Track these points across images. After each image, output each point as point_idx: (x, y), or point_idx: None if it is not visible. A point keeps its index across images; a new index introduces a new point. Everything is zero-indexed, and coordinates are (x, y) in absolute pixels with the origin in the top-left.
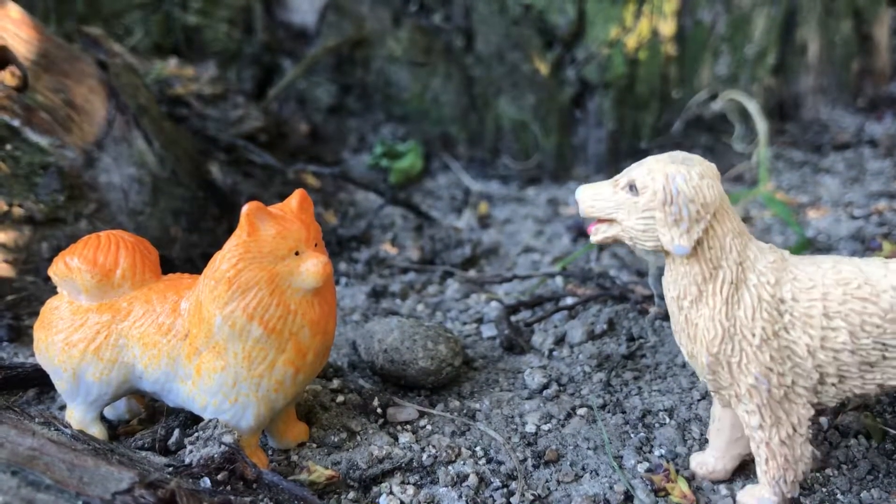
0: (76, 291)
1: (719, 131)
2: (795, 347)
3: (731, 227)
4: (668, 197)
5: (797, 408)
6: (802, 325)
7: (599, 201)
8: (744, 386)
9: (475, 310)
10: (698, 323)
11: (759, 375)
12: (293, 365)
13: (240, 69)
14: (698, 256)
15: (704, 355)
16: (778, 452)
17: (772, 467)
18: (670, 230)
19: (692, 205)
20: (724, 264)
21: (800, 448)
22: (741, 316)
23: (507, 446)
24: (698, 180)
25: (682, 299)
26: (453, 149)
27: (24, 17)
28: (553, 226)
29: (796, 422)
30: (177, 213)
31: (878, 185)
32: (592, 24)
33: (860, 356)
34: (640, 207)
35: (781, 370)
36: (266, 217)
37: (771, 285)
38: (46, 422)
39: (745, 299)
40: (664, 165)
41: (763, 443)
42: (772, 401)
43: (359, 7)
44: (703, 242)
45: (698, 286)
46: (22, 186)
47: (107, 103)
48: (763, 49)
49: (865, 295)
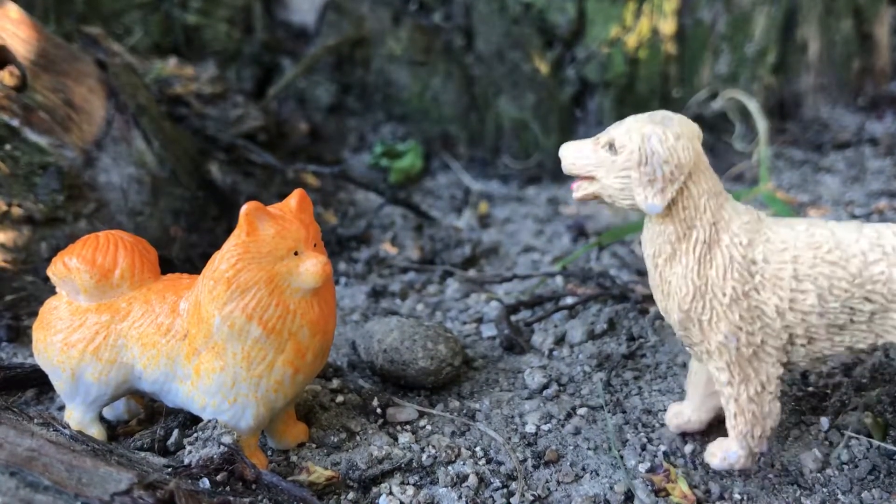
0: (75, 292)
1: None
2: (765, 308)
3: (707, 188)
4: (643, 157)
5: (766, 366)
6: (772, 286)
7: (580, 159)
8: (714, 343)
9: (475, 309)
10: (671, 280)
11: (729, 333)
12: (292, 365)
13: (239, 68)
14: (672, 216)
15: (676, 312)
16: (746, 408)
17: (739, 422)
18: (644, 189)
19: (666, 165)
20: (697, 224)
21: (768, 405)
22: (712, 275)
23: (507, 446)
24: (674, 141)
25: (657, 257)
26: (453, 148)
27: (23, 17)
28: (553, 225)
29: (765, 379)
30: (176, 212)
31: (878, 184)
32: (593, 24)
33: (828, 319)
34: (618, 166)
35: (751, 329)
36: (265, 217)
37: (743, 246)
38: (45, 422)
39: (717, 259)
40: (642, 125)
41: (732, 398)
42: (741, 358)
43: (358, 6)
44: (678, 202)
45: (672, 245)
46: (21, 186)
47: (106, 103)
48: (763, 48)
49: (835, 259)
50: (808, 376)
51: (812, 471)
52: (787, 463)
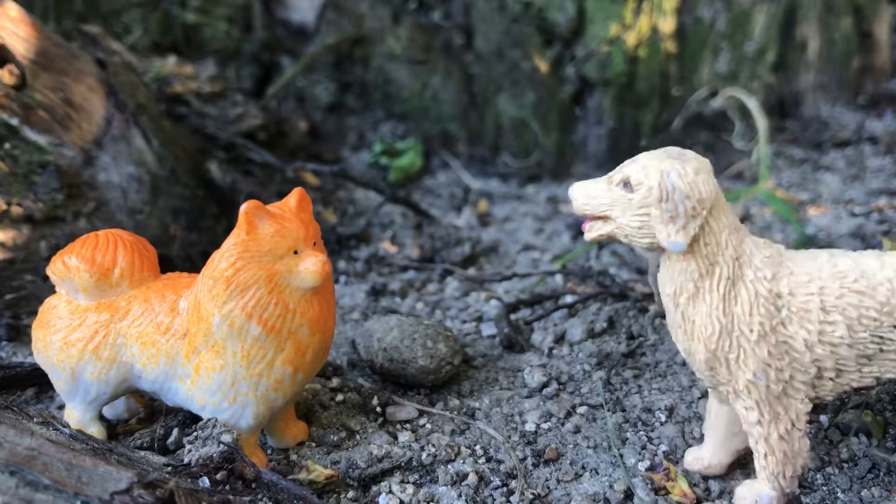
0: (74, 290)
1: (719, 129)
2: (793, 342)
3: (728, 223)
4: (664, 193)
5: (795, 403)
6: (800, 319)
7: (594, 199)
8: (742, 382)
9: (475, 308)
10: (695, 320)
11: (758, 371)
12: (292, 364)
13: (239, 67)
14: (694, 253)
15: (702, 352)
16: (777, 448)
17: (770, 462)
18: (666, 227)
19: (688, 201)
20: (720, 260)
21: (798, 443)
22: (738, 312)
23: (507, 445)
24: (693, 176)
25: (678, 296)
26: (453, 147)
27: (22, 16)
28: (553, 224)
29: (794, 417)
30: (176, 211)
31: (878, 183)
32: (592, 22)
33: (858, 349)
34: (636, 204)
35: (779, 365)
36: (264, 216)
37: (768, 280)
38: (45, 421)
39: (743, 295)
40: (659, 162)
41: (762, 438)
42: (770, 396)
43: (358, 5)
44: (700, 239)
45: (695, 283)
46: (21, 185)
47: (105, 102)
48: (763, 46)
49: (862, 288)
50: None
51: (812, 469)
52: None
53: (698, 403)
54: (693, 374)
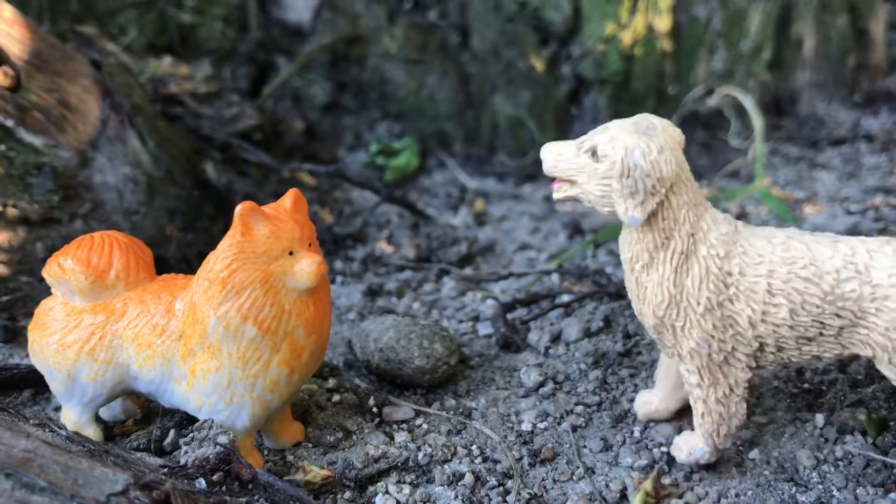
0: (70, 292)
1: (715, 127)
2: (738, 318)
3: (687, 199)
4: (626, 170)
5: (735, 371)
6: (746, 298)
7: (562, 162)
8: (685, 348)
9: (471, 308)
10: (647, 286)
11: (701, 340)
12: (288, 365)
13: (234, 67)
14: (651, 226)
15: (651, 317)
16: (713, 409)
17: (707, 422)
18: (625, 201)
19: (648, 179)
20: (675, 235)
21: (735, 406)
22: (688, 285)
23: (503, 445)
24: (657, 154)
25: (634, 262)
26: (449, 146)
27: (17, 17)
28: (549, 223)
29: (733, 383)
30: (172, 212)
31: (874, 181)
32: (588, 21)
33: (799, 331)
34: (600, 174)
35: (722, 337)
36: (260, 217)
37: (720, 258)
38: (41, 423)
39: (694, 269)
40: (626, 136)
41: (700, 399)
42: (711, 364)
43: (354, 5)
44: (658, 213)
45: (650, 253)
46: (16, 187)
47: (101, 103)
48: (759, 44)
49: (809, 275)
50: (804, 373)
51: (807, 467)
52: (782, 460)
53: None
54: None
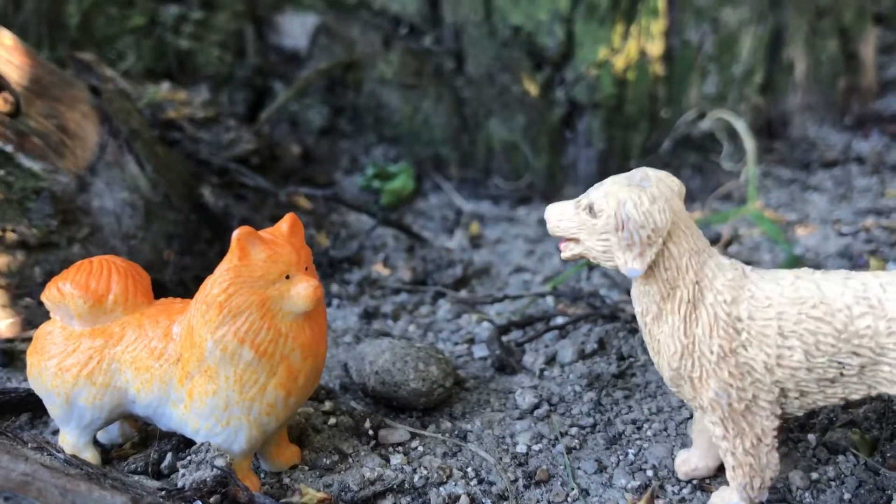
0: (69, 316)
1: (708, 150)
2: (753, 364)
3: (689, 247)
4: (619, 223)
5: (760, 419)
6: (759, 343)
7: (563, 221)
8: (705, 399)
9: (466, 330)
10: (660, 339)
11: (719, 390)
12: (284, 388)
13: (232, 92)
14: (655, 277)
15: (666, 369)
16: (743, 461)
17: (738, 474)
18: (624, 254)
19: (643, 230)
20: (680, 284)
21: (765, 456)
22: (699, 333)
23: (499, 467)
24: (649, 205)
25: (644, 315)
26: (445, 169)
27: (16, 44)
28: (544, 245)
29: (760, 432)
30: (169, 236)
31: (865, 203)
32: (581, 46)
33: (817, 374)
34: (599, 230)
35: (741, 385)
36: (257, 241)
37: (727, 304)
38: (39, 447)
39: (703, 317)
40: (618, 190)
41: (728, 452)
42: (733, 413)
43: (349, 31)
44: (659, 263)
45: (657, 304)
46: (15, 211)
47: (99, 128)
48: (750, 68)
49: (820, 315)
50: None
51: (800, 488)
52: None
53: (688, 423)
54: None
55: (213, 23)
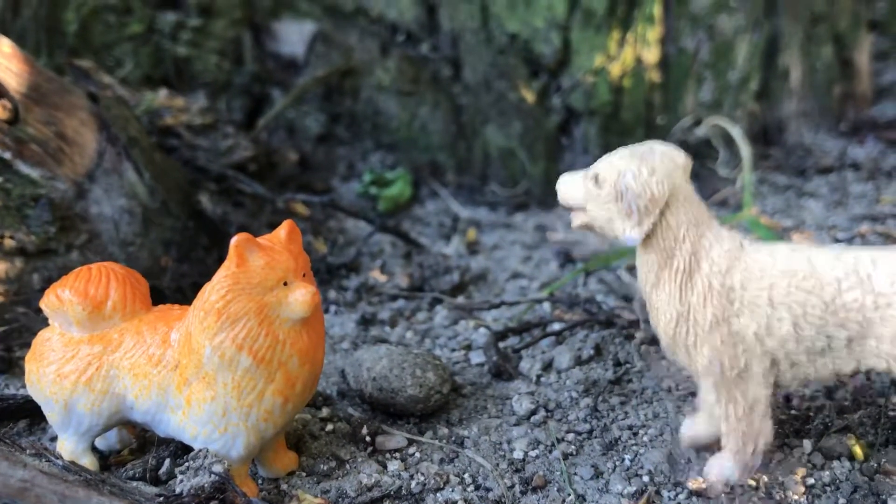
0: (67, 323)
1: (704, 157)
2: (745, 333)
3: (687, 218)
4: (619, 193)
5: (752, 387)
6: (750, 312)
7: (571, 191)
8: (699, 365)
9: (464, 336)
10: (658, 306)
11: (712, 357)
12: (282, 394)
13: (229, 99)
14: (653, 245)
15: (663, 336)
16: (736, 427)
17: (731, 440)
18: (623, 222)
19: (640, 199)
20: (677, 253)
21: (758, 423)
22: (693, 302)
23: (495, 473)
24: (647, 176)
25: (644, 283)
26: (442, 176)
27: (14, 51)
28: (541, 251)
29: (752, 400)
30: (167, 243)
31: (861, 209)
32: (577, 53)
33: (806, 345)
34: (602, 199)
35: (733, 353)
36: (255, 248)
37: (722, 273)
38: (38, 453)
39: (698, 286)
40: (620, 161)
41: (722, 417)
42: (726, 380)
43: (347, 38)
44: (657, 233)
45: (655, 273)
46: (13, 218)
47: (97, 135)
48: (746, 75)
49: (809, 287)
50: (791, 399)
51: (795, 493)
52: (770, 486)
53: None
54: (679, 399)
55: (211, 30)
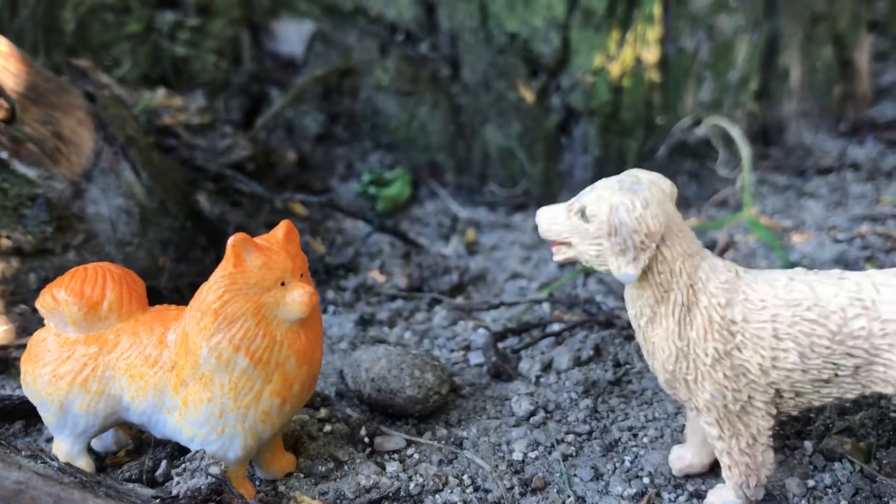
0: (63, 323)
1: (703, 157)
2: (748, 366)
3: (682, 251)
4: (612, 228)
5: (755, 419)
6: (753, 345)
7: (555, 225)
8: (701, 401)
9: (462, 337)
10: (654, 342)
11: (714, 392)
12: (280, 395)
13: (228, 99)
14: (649, 281)
15: (662, 372)
16: (739, 461)
17: (734, 474)
18: (617, 259)
19: (636, 235)
20: (674, 287)
21: (761, 455)
22: (693, 337)
23: (494, 474)
24: (642, 210)
25: (638, 318)
26: (441, 176)
27: (12, 50)
28: (540, 252)
29: (755, 432)
30: (165, 243)
31: (860, 209)
32: (577, 53)
33: (812, 375)
34: (591, 234)
35: (736, 386)
36: (252, 248)
37: (721, 307)
38: (33, 454)
39: (697, 320)
40: (610, 194)
41: (724, 452)
42: (729, 414)
43: (346, 37)
44: (653, 267)
45: (651, 308)
46: (10, 218)
47: (95, 135)
48: (746, 75)
49: (814, 317)
50: None
51: (796, 495)
52: (771, 488)
53: (683, 431)
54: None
55: (209, 29)
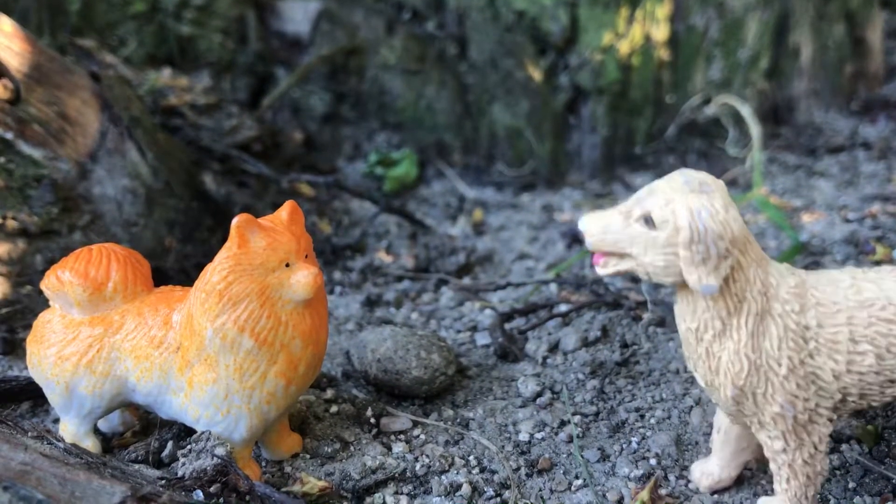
0: (68, 305)
1: (713, 136)
2: (821, 373)
3: (754, 257)
4: (696, 235)
5: (818, 427)
6: (828, 350)
7: (610, 234)
8: (769, 414)
9: (469, 318)
10: (721, 356)
11: (785, 403)
12: (285, 376)
13: (234, 79)
14: (723, 291)
15: (730, 388)
16: (800, 472)
17: (793, 486)
18: (697, 269)
19: (721, 241)
20: (748, 296)
21: (820, 464)
22: (767, 347)
23: (501, 455)
24: (724, 214)
25: (702, 332)
26: (448, 156)
27: (16, 30)
28: (547, 232)
29: (817, 440)
30: (171, 223)
31: (871, 189)
32: (585, 31)
33: (885, 375)
34: (661, 243)
35: (806, 395)
36: (256, 229)
37: (796, 313)
38: (39, 436)
39: (771, 330)
40: (684, 197)
41: (786, 464)
42: (796, 425)
43: (352, 16)
44: (728, 276)
45: (722, 320)
46: (16, 199)
47: (100, 115)
48: (756, 53)
49: (890, 316)
50: None
51: None
52: None
53: (691, 412)
54: (686, 382)
55: (215, 9)
